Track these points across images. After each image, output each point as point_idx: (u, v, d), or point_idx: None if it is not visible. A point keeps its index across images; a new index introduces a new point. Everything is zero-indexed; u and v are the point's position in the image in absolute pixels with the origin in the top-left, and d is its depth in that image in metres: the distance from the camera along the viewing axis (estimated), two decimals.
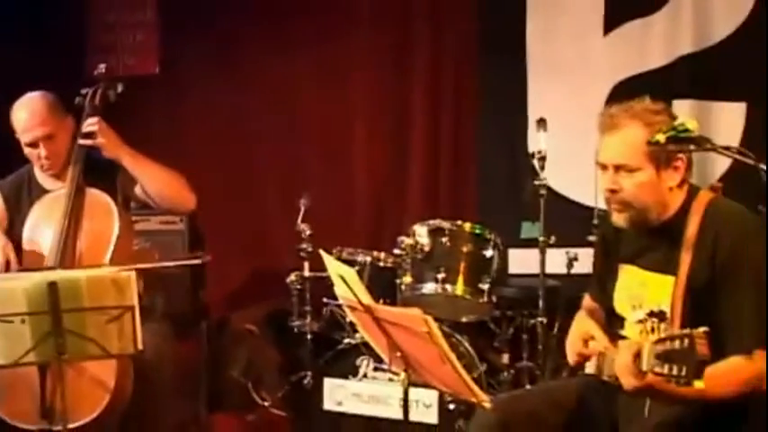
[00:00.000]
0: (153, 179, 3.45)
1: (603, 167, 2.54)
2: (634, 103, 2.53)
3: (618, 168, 2.50)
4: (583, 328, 2.67)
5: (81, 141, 3.40)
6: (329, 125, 5.39)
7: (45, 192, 3.50)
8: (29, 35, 4.96)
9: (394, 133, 5.29)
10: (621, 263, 2.66)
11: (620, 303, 2.64)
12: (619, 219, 2.56)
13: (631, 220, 2.55)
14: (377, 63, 5.31)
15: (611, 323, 2.67)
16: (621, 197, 2.51)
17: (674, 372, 2.07)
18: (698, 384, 2.05)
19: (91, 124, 3.38)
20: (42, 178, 3.54)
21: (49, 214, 3.37)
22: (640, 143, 2.44)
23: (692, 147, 2.37)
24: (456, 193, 5.17)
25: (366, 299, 2.57)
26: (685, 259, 2.44)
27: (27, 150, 3.46)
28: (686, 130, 2.32)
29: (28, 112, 3.43)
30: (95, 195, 3.39)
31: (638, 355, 2.21)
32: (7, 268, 3.24)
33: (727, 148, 2.37)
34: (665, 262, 2.51)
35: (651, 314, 2.29)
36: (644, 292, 2.56)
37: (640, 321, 2.38)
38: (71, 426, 2.92)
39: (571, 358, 2.68)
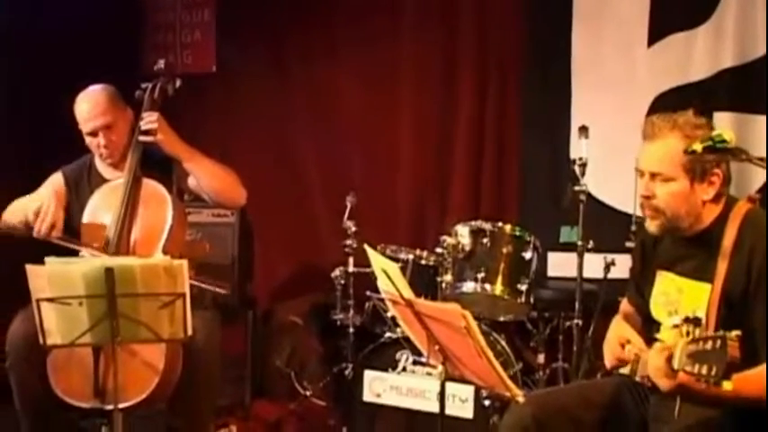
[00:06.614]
0: (207, 175, 3.53)
1: (641, 174, 2.59)
2: (678, 114, 2.56)
3: (653, 176, 2.55)
4: (620, 332, 2.72)
5: (141, 138, 3.47)
6: (375, 126, 5.43)
7: (104, 180, 3.60)
8: (90, 34, 5.07)
9: (438, 135, 5.30)
10: (659, 269, 2.70)
11: (657, 308, 2.68)
12: (651, 225, 2.61)
13: (663, 228, 2.59)
14: (422, 67, 5.32)
15: (648, 327, 2.70)
16: (654, 204, 2.56)
17: (704, 371, 2.11)
18: (726, 385, 2.09)
19: (150, 122, 3.46)
20: (102, 167, 3.64)
21: (108, 202, 3.46)
22: (677, 154, 2.48)
23: (727, 157, 2.39)
24: (498, 196, 5.16)
25: (407, 293, 2.62)
26: (722, 268, 2.48)
27: (88, 140, 3.57)
28: (723, 141, 2.33)
29: (89, 104, 3.54)
30: (151, 186, 3.47)
31: (670, 356, 2.25)
32: (51, 230, 3.31)
33: (762, 159, 2.36)
34: (702, 270, 2.55)
35: (687, 320, 2.26)
36: (680, 298, 2.60)
37: (676, 326, 2.36)
38: (122, 405, 2.98)
39: (608, 361, 2.72)
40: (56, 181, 3.68)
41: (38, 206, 3.32)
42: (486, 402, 3.66)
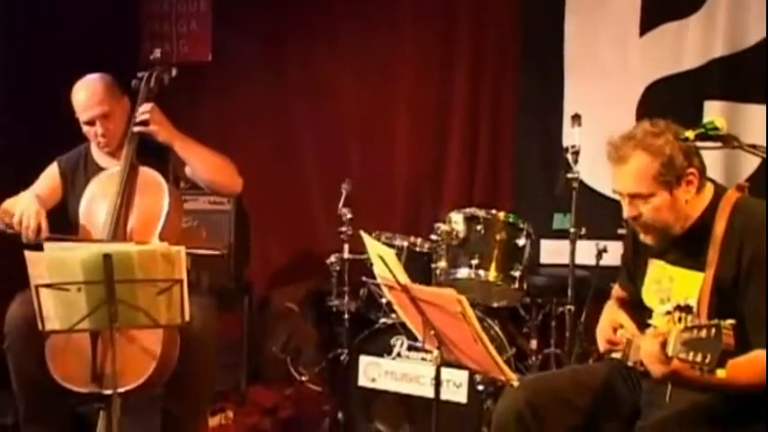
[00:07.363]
0: (203, 164, 3.53)
1: (621, 195, 2.62)
2: (634, 128, 2.58)
3: (633, 197, 2.57)
4: (612, 317, 2.76)
5: (135, 129, 3.47)
6: (371, 114, 5.46)
7: (100, 169, 3.58)
8: (88, 23, 5.07)
9: (434, 123, 5.33)
10: (651, 257, 2.73)
11: (649, 296, 2.71)
12: (646, 239, 2.65)
13: (657, 239, 2.63)
14: (419, 56, 5.36)
15: (639, 313, 2.72)
16: (643, 222, 2.59)
17: (698, 359, 2.13)
18: (720, 373, 2.11)
19: (145, 112, 3.46)
20: (98, 156, 3.63)
21: (104, 190, 3.45)
22: (649, 170, 2.51)
23: (719, 144, 2.41)
24: (492, 184, 5.21)
25: (403, 278, 2.64)
26: (713, 257, 2.50)
27: (85, 129, 3.55)
28: (715, 128, 2.37)
29: (87, 92, 3.52)
30: (148, 173, 3.46)
31: (664, 343, 2.27)
32: (38, 234, 3.28)
33: (754, 146, 2.41)
34: (693, 258, 2.57)
35: (678, 308, 2.29)
36: (672, 286, 2.63)
37: (668, 313, 2.38)
38: (119, 390, 2.98)
39: (601, 345, 2.75)
40: (50, 173, 3.67)
41: (19, 215, 3.31)
42: (480, 387, 3.69)
